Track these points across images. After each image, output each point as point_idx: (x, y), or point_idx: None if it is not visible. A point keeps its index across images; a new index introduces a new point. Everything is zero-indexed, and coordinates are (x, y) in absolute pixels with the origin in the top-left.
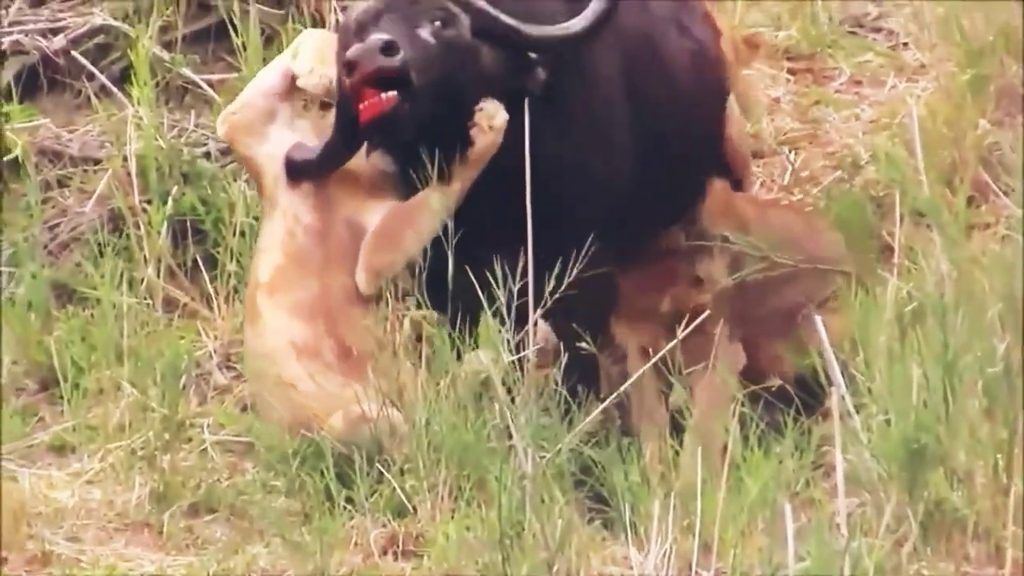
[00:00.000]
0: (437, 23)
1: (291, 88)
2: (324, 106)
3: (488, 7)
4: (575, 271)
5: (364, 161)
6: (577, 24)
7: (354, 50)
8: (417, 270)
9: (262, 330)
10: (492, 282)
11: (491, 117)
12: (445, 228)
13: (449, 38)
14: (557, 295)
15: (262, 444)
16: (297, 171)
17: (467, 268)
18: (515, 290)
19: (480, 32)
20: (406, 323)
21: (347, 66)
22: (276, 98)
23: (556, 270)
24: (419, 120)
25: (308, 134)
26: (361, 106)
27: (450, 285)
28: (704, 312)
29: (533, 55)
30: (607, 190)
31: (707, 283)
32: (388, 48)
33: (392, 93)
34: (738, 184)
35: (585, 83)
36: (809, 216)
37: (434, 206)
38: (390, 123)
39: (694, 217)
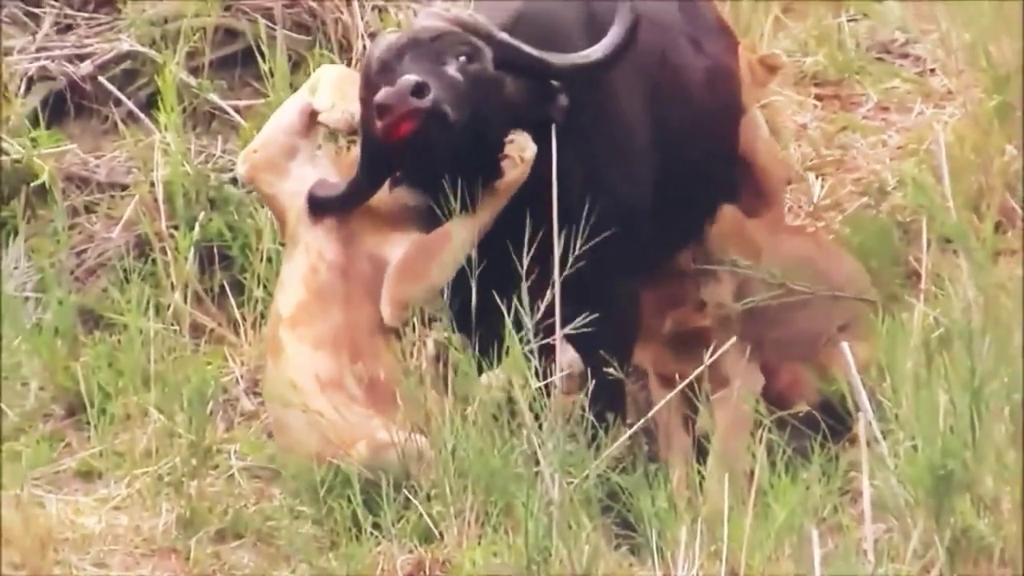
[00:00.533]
0: (462, 58)
1: (311, 124)
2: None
3: (511, 39)
4: (600, 295)
5: (386, 196)
6: (599, 51)
7: (385, 94)
8: (444, 295)
9: (285, 364)
10: (518, 307)
11: (522, 149)
12: (469, 256)
13: (475, 73)
14: (582, 320)
15: (288, 472)
16: (321, 207)
17: (492, 293)
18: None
19: (504, 63)
20: (429, 346)
21: (379, 109)
22: (296, 135)
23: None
24: (451, 148)
25: (328, 170)
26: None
27: (474, 311)
28: (707, 335)
29: (555, 83)
30: (630, 213)
31: (711, 307)
32: (419, 90)
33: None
34: (763, 206)
35: (606, 105)
36: (825, 243)
37: (460, 237)
38: (422, 140)
39: (702, 240)
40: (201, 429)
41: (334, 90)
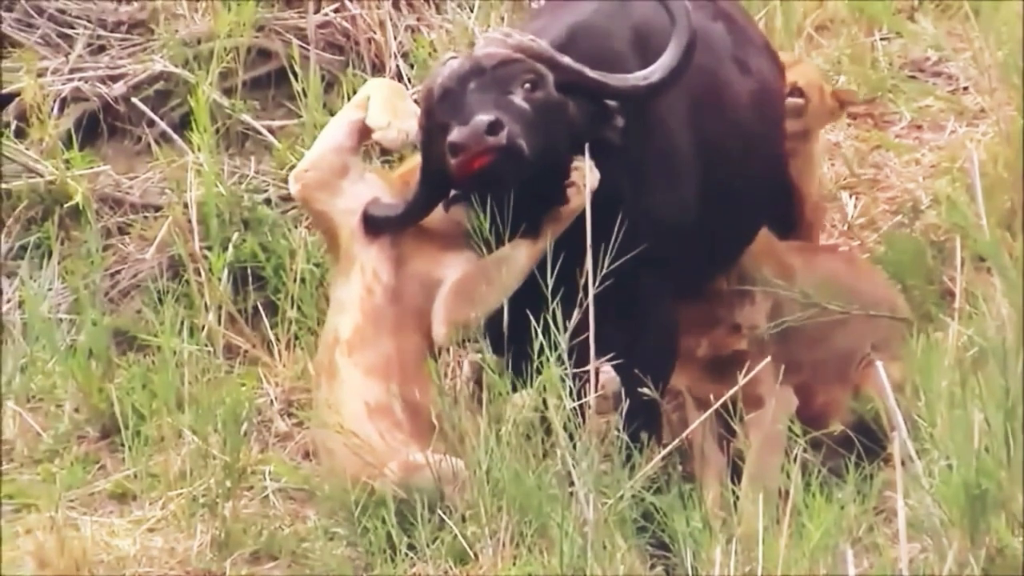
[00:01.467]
0: (527, 86)
1: (361, 141)
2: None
3: (573, 63)
4: (639, 315)
5: (439, 215)
6: (657, 73)
7: (459, 134)
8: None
9: (338, 388)
10: (553, 327)
11: (585, 177)
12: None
13: (541, 100)
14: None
15: (323, 493)
16: (377, 226)
17: (527, 312)
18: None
19: (565, 87)
20: (466, 368)
21: (452, 148)
22: (347, 153)
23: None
24: (521, 175)
25: (379, 187)
26: (457, 164)
27: (506, 331)
28: (743, 357)
29: (613, 104)
30: (673, 232)
31: (745, 329)
32: (493, 129)
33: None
34: (804, 233)
35: (652, 124)
36: (859, 262)
37: (520, 262)
38: (497, 173)
39: (736, 262)
40: (235, 450)
41: (387, 107)
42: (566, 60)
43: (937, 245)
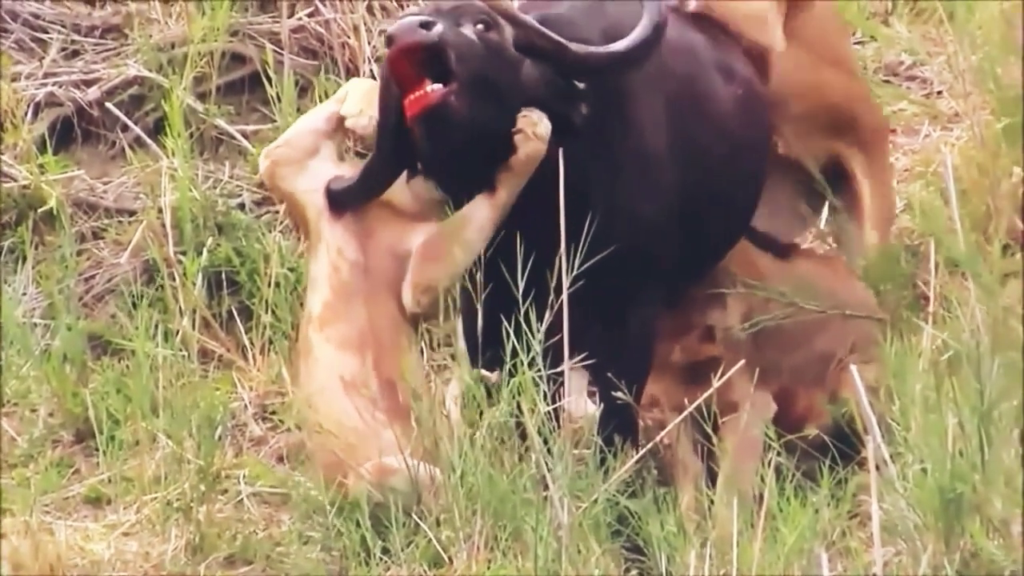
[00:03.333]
0: (480, 25)
1: (336, 128)
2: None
3: (532, 21)
4: (614, 316)
5: (405, 191)
6: (621, 45)
7: (393, 26)
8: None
9: (313, 366)
10: (527, 329)
11: (534, 124)
12: (474, 278)
13: (491, 40)
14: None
15: (298, 496)
16: (338, 200)
17: (502, 316)
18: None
19: (523, 47)
20: (453, 386)
21: (387, 40)
22: (320, 135)
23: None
24: (467, 119)
25: (349, 171)
26: (407, 100)
27: (479, 335)
28: (718, 363)
29: (579, 85)
30: (648, 231)
31: (719, 333)
32: (426, 25)
33: (438, 85)
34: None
35: (630, 123)
36: (835, 265)
37: (480, 217)
38: (439, 117)
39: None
40: (210, 455)
41: (363, 97)
42: (524, 17)
43: (911, 249)
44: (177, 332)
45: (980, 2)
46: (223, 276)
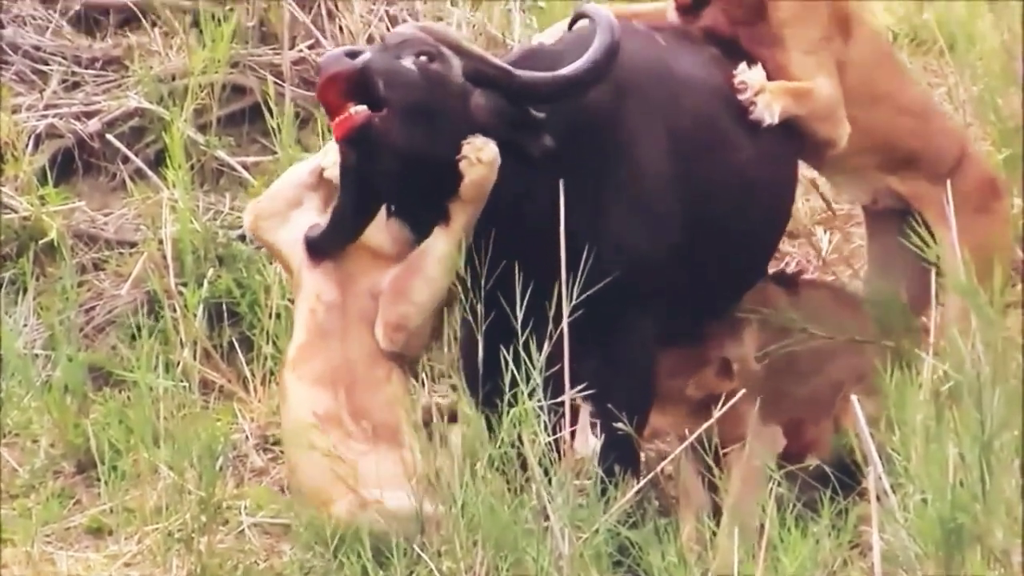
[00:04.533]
0: (423, 57)
1: (319, 180)
2: None
3: (477, 49)
4: (609, 346)
5: (386, 234)
6: (570, 69)
7: (322, 58)
8: (447, 348)
9: (287, 406)
10: (527, 360)
11: (479, 150)
12: (475, 310)
13: (432, 71)
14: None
15: (299, 524)
16: (315, 247)
17: (500, 346)
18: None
19: (472, 76)
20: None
21: (316, 72)
22: (303, 188)
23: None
24: (399, 144)
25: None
26: (333, 124)
27: (480, 366)
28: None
29: (539, 115)
30: (639, 262)
31: (737, 366)
32: (353, 54)
33: (363, 107)
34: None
35: (619, 153)
36: (841, 294)
37: (438, 249)
38: (363, 139)
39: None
40: (211, 485)
41: None
42: (469, 46)
43: None
44: (178, 363)
45: (980, 34)
46: (224, 307)
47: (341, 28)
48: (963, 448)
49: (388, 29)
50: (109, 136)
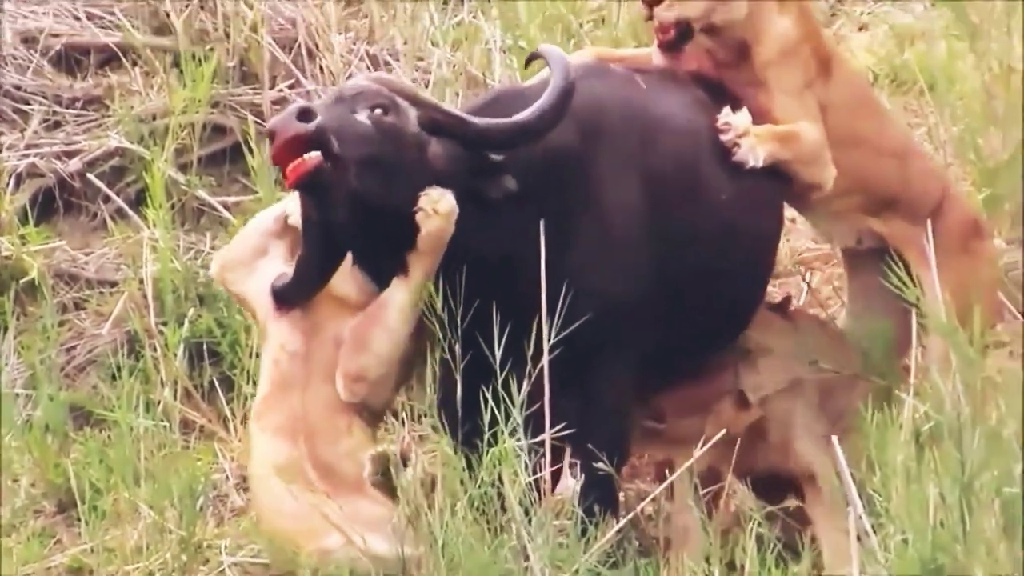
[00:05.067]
0: (377, 110)
1: (284, 228)
2: None
3: (433, 100)
4: (583, 387)
5: (353, 283)
6: (523, 115)
7: (272, 120)
8: (429, 389)
9: (251, 458)
10: (508, 401)
11: (435, 201)
12: (453, 349)
13: (387, 123)
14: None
15: (277, 565)
16: (281, 297)
17: (480, 387)
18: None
19: (427, 125)
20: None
21: (269, 136)
22: (269, 236)
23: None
24: (352, 189)
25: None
26: (287, 172)
27: (459, 406)
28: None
29: (497, 158)
30: (610, 302)
31: (754, 396)
32: (305, 114)
33: (315, 153)
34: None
35: (588, 196)
36: (826, 326)
37: (396, 300)
38: (314, 184)
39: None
40: (191, 525)
41: None
42: (424, 96)
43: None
44: (159, 403)
45: (960, 74)
46: (204, 347)
47: (321, 68)
48: (943, 488)
49: (368, 69)
50: (90, 175)
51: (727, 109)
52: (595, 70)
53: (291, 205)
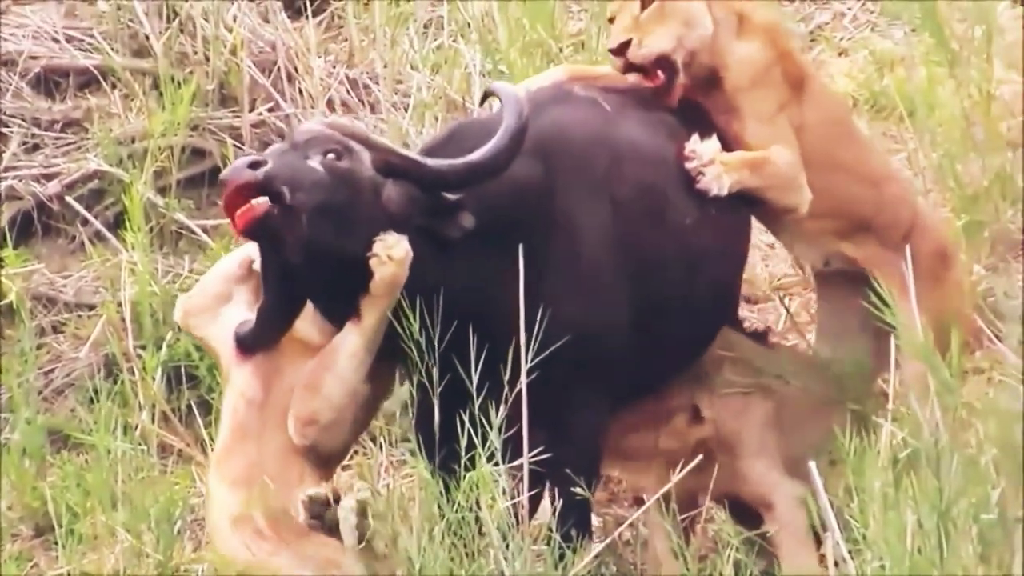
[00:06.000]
0: (330, 155)
1: (248, 273)
2: None
3: (383, 142)
4: (555, 414)
5: (314, 327)
6: (478, 155)
7: (224, 171)
8: (409, 414)
9: (209, 506)
10: (486, 426)
11: (389, 247)
12: (430, 374)
13: (340, 168)
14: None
15: None
16: (244, 344)
17: (457, 413)
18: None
19: (382, 168)
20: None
21: (220, 185)
22: (232, 281)
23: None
24: (303, 234)
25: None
26: (235, 218)
27: (436, 431)
28: (706, 447)
29: (453, 197)
30: (595, 341)
31: (707, 412)
32: (255, 164)
33: (263, 199)
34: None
35: (559, 226)
36: (803, 355)
37: (349, 345)
38: (263, 229)
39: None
40: (169, 549)
41: None
42: (376, 138)
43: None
44: (136, 426)
45: (940, 100)
46: (182, 371)
47: (301, 91)
48: (921, 515)
49: (348, 92)
50: (68, 198)
51: (695, 137)
52: (558, 96)
53: (255, 250)
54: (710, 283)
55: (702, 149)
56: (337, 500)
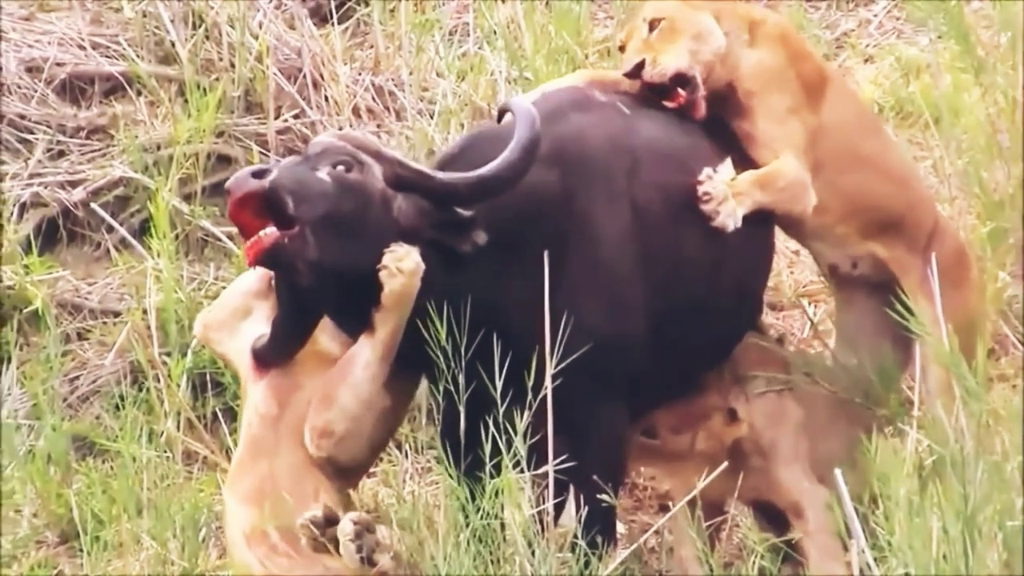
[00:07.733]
0: (340, 167)
1: (268, 288)
2: None
3: (398, 155)
4: (579, 420)
5: (334, 340)
6: (489, 168)
7: (229, 180)
8: (434, 422)
9: (225, 524)
10: (509, 430)
11: (399, 259)
12: (456, 381)
13: (350, 180)
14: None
15: None
16: (260, 357)
17: (482, 420)
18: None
19: (393, 181)
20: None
21: (226, 194)
22: (252, 296)
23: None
24: (313, 259)
25: None
26: (245, 249)
27: (462, 438)
28: (740, 448)
29: (467, 213)
30: (617, 349)
31: (744, 412)
32: (259, 174)
33: (271, 229)
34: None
35: (586, 240)
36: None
37: (363, 356)
38: (274, 258)
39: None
40: (194, 556)
41: None
42: (388, 151)
43: None
44: (162, 433)
45: (966, 107)
46: (208, 377)
47: (327, 98)
48: (946, 522)
49: (373, 99)
50: (94, 205)
51: (707, 172)
52: (577, 102)
53: None
54: (733, 286)
55: (715, 189)
56: (335, 522)
